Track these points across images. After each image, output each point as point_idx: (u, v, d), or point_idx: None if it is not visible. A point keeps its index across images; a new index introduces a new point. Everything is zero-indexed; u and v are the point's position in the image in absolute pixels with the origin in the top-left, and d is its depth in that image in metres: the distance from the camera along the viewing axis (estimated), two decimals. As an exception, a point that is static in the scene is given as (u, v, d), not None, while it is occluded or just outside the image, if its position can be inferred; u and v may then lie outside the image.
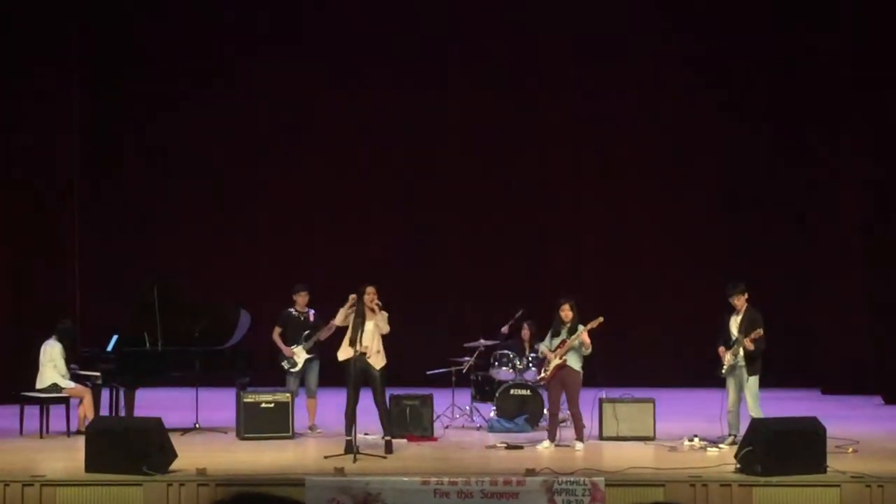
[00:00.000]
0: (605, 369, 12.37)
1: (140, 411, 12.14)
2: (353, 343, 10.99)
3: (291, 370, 12.86)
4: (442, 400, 13.11)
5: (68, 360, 12.67)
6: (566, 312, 11.54)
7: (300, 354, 12.85)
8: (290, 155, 18.84)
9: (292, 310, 13.11)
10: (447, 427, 12.99)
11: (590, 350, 11.43)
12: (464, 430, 12.96)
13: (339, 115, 18.79)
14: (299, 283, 13.31)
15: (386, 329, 11.16)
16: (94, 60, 18.10)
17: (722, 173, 18.61)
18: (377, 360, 11.13)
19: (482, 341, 13.72)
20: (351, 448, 10.54)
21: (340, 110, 18.81)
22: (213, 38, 18.68)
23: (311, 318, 13.00)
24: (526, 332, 13.57)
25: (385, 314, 11.16)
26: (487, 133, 18.78)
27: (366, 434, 11.59)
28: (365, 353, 11.00)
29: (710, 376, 11.76)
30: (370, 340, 11.05)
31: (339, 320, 11.25)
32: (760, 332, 11.18)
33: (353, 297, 11.15)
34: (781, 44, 18.16)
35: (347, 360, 11.03)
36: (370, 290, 11.13)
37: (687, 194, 18.58)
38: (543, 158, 18.79)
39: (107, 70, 18.46)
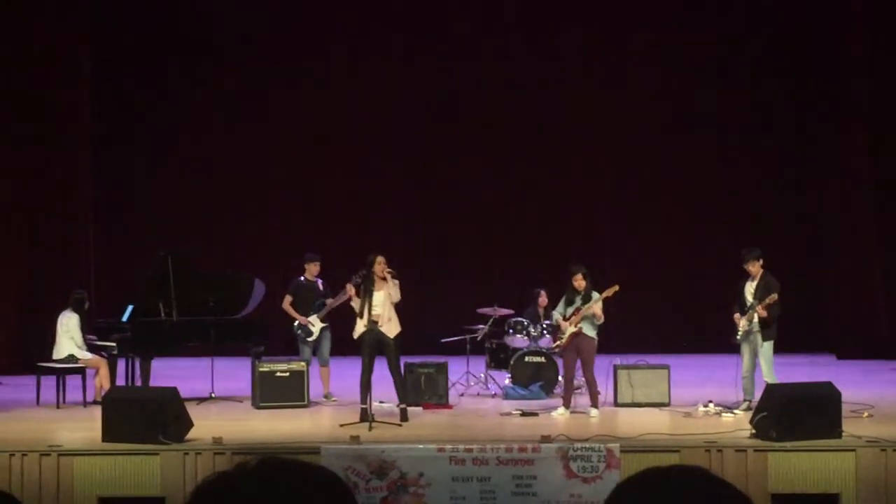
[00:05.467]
0: (620, 336, 12.36)
1: (155, 381, 12.17)
2: (361, 315, 10.98)
3: (308, 339, 12.85)
4: (457, 367, 13.12)
5: (84, 331, 12.72)
6: (579, 282, 11.50)
7: (316, 323, 12.84)
8: (303, 120, 18.76)
9: (302, 278, 13.10)
10: (462, 395, 13.01)
11: (601, 321, 11.43)
12: (479, 398, 12.98)
13: (352, 78, 18.70)
14: (311, 251, 13.31)
15: (397, 297, 11.08)
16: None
17: (733, 140, 18.49)
18: (390, 329, 11.09)
19: (497, 308, 13.70)
20: (366, 416, 10.56)
21: (353, 72, 18.71)
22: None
23: (321, 288, 13.00)
24: (542, 300, 13.55)
25: (397, 283, 11.11)
26: (505, 96, 18.70)
27: (381, 402, 11.60)
28: (377, 322, 10.99)
29: (724, 342, 11.74)
30: (381, 309, 11.01)
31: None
32: (775, 296, 11.12)
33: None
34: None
35: (362, 334, 11.03)
36: (380, 259, 11.06)
37: (700, 161, 18.47)
38: (559, 124, 18.70)
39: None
